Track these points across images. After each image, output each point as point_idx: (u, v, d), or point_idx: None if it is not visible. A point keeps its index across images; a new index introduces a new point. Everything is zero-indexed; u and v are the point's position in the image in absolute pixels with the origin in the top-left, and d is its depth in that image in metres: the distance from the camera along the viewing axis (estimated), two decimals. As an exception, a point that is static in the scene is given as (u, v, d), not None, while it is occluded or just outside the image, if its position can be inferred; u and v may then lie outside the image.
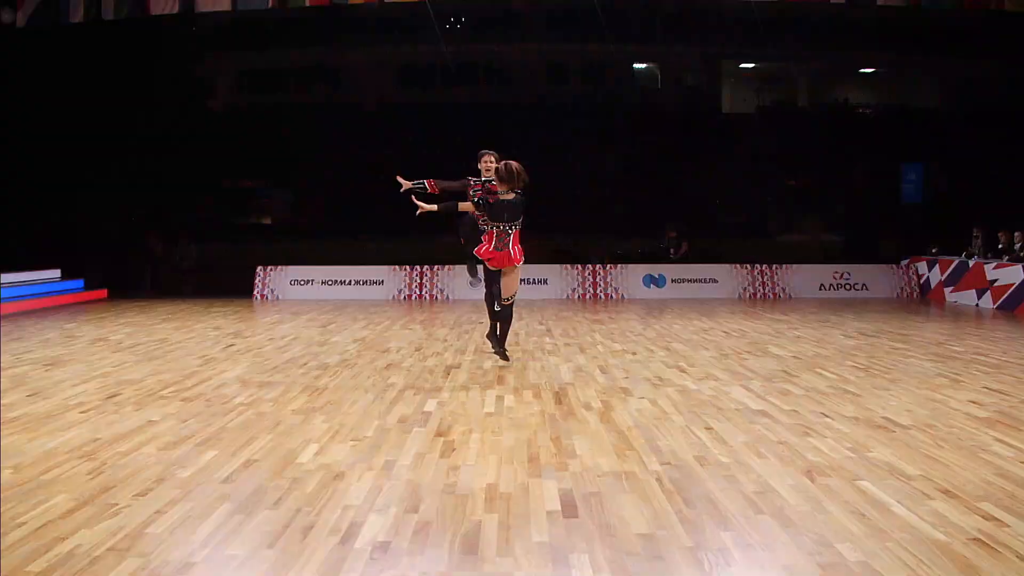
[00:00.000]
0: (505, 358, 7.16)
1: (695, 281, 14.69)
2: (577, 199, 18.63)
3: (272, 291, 15.10)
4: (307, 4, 15.81)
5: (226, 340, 9.16)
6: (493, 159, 7.38)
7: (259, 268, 15.36)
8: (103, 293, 15.85)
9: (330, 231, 18.86)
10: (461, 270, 15.15)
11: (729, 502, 3.46)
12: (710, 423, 4.89)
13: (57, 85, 16.37)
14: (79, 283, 15.69)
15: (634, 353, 7.87)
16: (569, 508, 3.44)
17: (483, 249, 6.95)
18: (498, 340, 7.16)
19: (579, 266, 14.81)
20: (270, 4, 15.85)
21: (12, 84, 15.65)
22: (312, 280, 15.17)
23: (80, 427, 5.07)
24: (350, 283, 15.02)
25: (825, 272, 14.81)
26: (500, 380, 6.45)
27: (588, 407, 5.40)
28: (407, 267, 14.99)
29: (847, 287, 14.56)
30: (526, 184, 6.92)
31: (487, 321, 7.52)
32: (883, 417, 5.01)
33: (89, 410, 5.58)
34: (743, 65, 22.64)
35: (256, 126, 21.63)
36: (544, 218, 17.41)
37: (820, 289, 14.60)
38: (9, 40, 15.56)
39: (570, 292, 14.61)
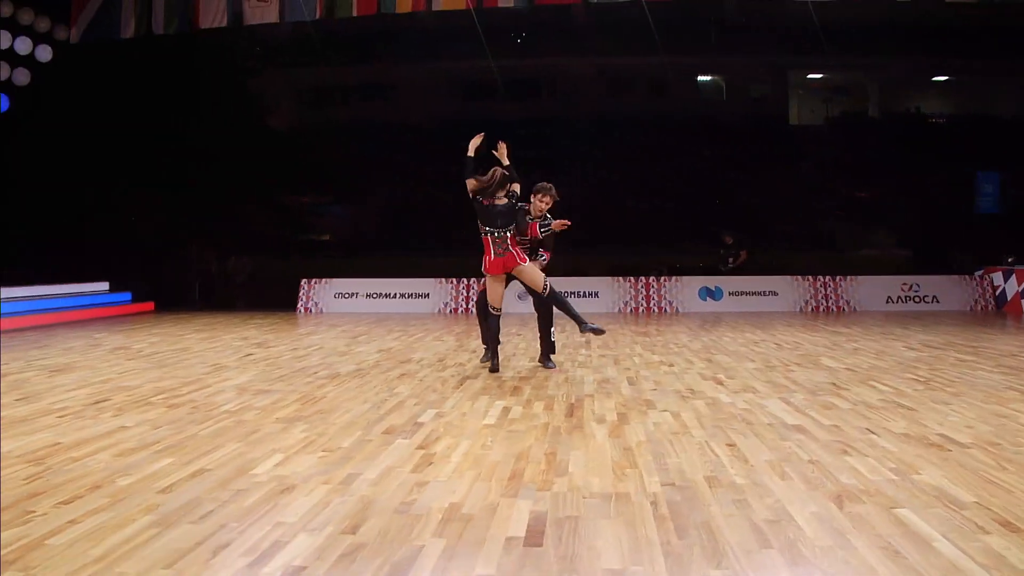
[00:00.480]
0: (549, 358, 6.86)
1: (754, 294, 13.86)
2: (636, 213, 18.05)
3: (316, 304, 14.86)
4: (354, 14, 15.69)
5: (248, 350, 8.84)
6: (549, 200, 6.87)
7: (303, 281, 15.16)
8: (150, 306, 15.87)
9: (384, 246, 18.65)
10: (512, 284, 14.70)
11: (731, 532, 2.84)
12: (734, 439, 4.24)
13: (110, 100, 16.54)
14: (127, 296, 15.74)
15: (671, 365, 7.22)
16: (534, 535, 2.87)
17: (487, 263, 6.71)
18: (547, 342, 6.84)
19: (631, 278, 14.14)
20: (317, 15, 15.81)
21: (66, 99, 15.85)
22: (356, 293, 14.87)
23: (48, 431, 4.76)
24: (395, 296, 14.67)
25: (892, 284, 13.83)
26: (515, 391, 5.91)
27: (601, 420, 4.80)
28: (453, 279, 14.56)
29: (916, 299, 13.53)
30: (515, 195, 6.75)
31: (525, 333, 7.12)
32: (939, 434, 4.29)
33: (67, 415, 5.26)
34: (811, 75, 21.74)
35: (313, 142, 21.66)
36: (603, 232, 17.07)
37: (887, 302, 13.63)
38: (64, 56, 15.79)
39: (622, 305, 13.96)
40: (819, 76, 21.45)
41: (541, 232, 6.79)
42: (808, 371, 6.69)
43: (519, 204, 6.80)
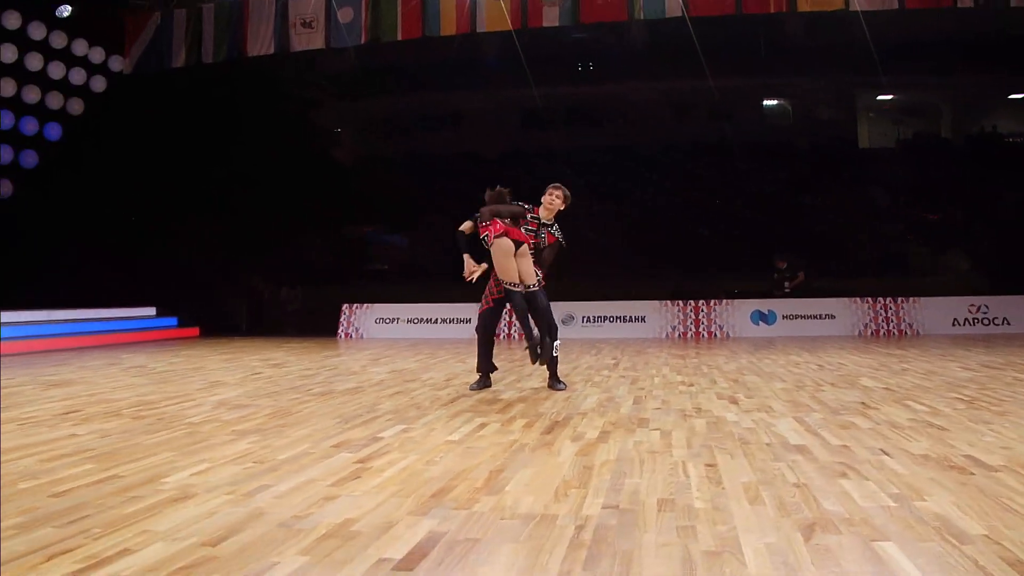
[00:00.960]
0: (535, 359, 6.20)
1: (809, 317, 13.01)
2: (698, 239, 17.42)
3: (356, 329, 14.64)
4: (399, 38, 15.61)
5: (259, 369, 8.56)
6: (561, 197, 6.45)
7: (344, 306, 14.97)
8: (195, 331, 15.89)
9: (440, 274, 18.38)
10: (556, 306, 14.25)
11: (653, 564, 2.29)
12: (718, 459, 3.66)
13: (164, 129, 16.79)
14: (172, 321, 15.80)
15: (690, 384, 6.61)
16: (414, 557, 2.38)
17: (491, 234, 6.16)
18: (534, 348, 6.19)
19: (679, 302, 13.44)
20: (363, 40, 15.78)
21: (120, 128, 16.12)
22: (397, 318, 14.59)
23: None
24: (436, 321, 14.32)
25: (959, 305, 12.80)
26: (505, 408, 5.40)
27: (578, 438, 4.27)
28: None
29: (985, 322, 12.45)
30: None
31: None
32: (965, 455, 3.62)
33: (28, 423, 5.03)
34: (881, 97, 20.82)
35: (374, 172, 21.72)
36: (663, 258, 16.50)
37: (953, 324, 12.64)
38: (117, 86, 16.12)
39: (669, 331, 13.28)
40: (889, 98, 20.52)
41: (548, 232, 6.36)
42: (840, 391, 6.01)
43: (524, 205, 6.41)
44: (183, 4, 16.08)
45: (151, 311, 15.81)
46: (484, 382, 6.57)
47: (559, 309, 14.05)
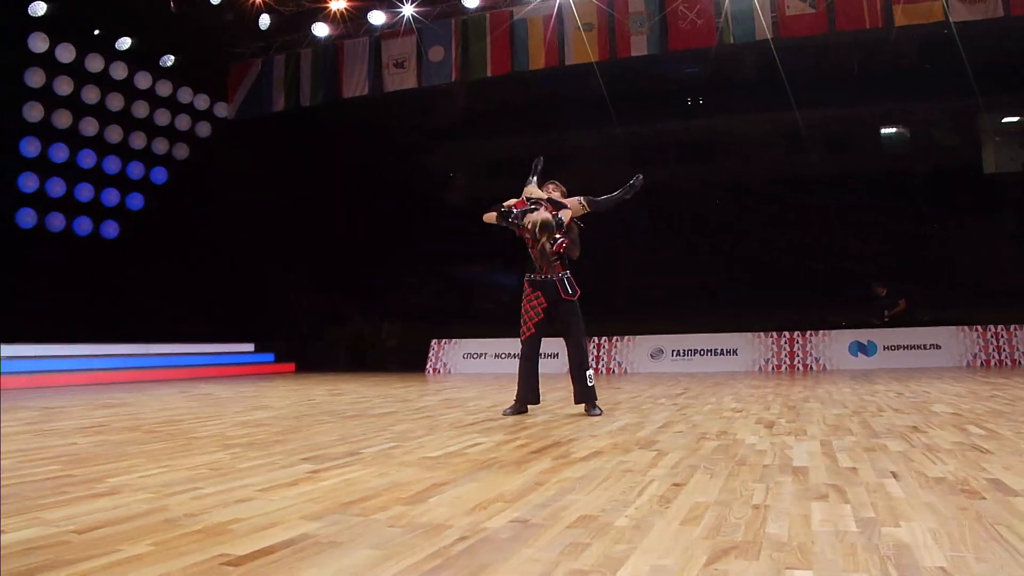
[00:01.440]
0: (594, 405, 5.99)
1: (912, 348, 12.05)
2: (812, 273, 16.61)
3: (444, 364, 14.64)
4: (488, 74, 15.74)
5: (313, 397, 8.58)
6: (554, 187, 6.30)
7: (432, 342, 15.02)
8: (290, 367, 16.30)
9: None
10: (642, 340, 13.84)
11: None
12: (692, 479, 3.26)
13: (266, 171, 17.41)
14: (269, 356, 16.27)
15: (740, 411, 6.11)
16: (255, 555, 2.17)
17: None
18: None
19: (774, 334, 12.74)
20: (453, 78, 16.01)
21: (224, 170, 16.80)
22: (485, 354, 14.49)
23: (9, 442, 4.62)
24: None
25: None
26: (515, 431, 5.11)
27: (561, 457, 3.93)
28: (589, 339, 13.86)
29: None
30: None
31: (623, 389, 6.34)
32: (989, 479, 3.07)
33: (43, 432, 5.20)
34: (1006, 120, 19.37)
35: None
36: (769, 291, 15.77)
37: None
38: (221, 130, 16.91)
39: (763, 363, 12.58)
40: (1015, 120, 19.07)
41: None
42: (899, 415, 5.41)
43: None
44: (282, 50, 16.79)
45: (250, 347, 16.36)
46: (518, 408, 6.30)
47: (650, 343, 13.66)
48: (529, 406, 6.39)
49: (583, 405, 6.21)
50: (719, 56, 17.00)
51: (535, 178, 6.43)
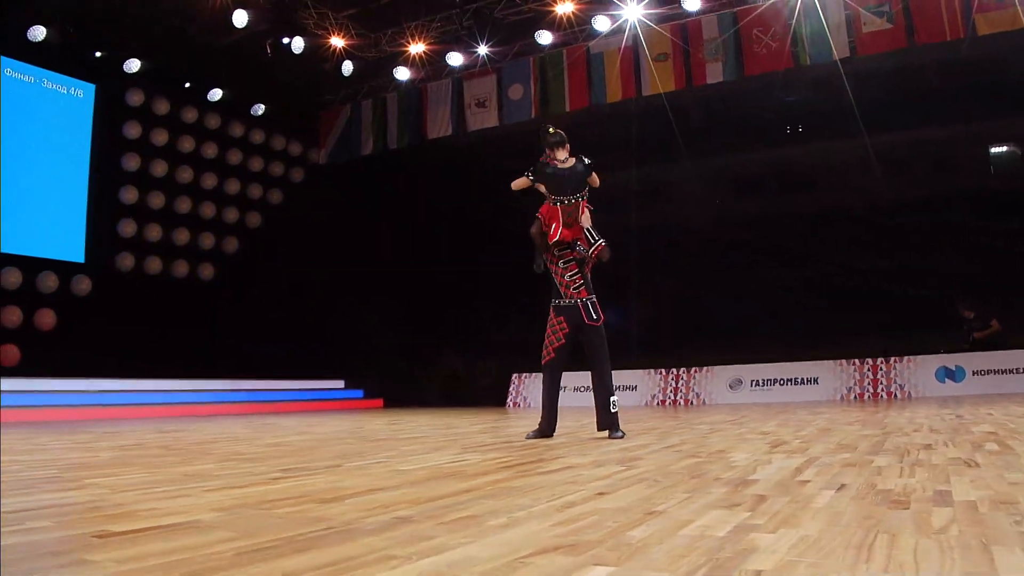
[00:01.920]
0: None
1: (1006, 372, 11.24)
2: (911, 300, 15.87)
3: (524, 398, 14.71)
4: (567, 109, 15.92)
5: (366, 426, 8.82)
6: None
7: (513, 376, 15.13)
8: (379, 402, 16.71)
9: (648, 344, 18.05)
10: (721, 371, 13.52)
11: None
12: (626, 490, 3.21)
13: (357, 212, 18.07)
14: (359, 392, 16.74)
15: (766, 433, 5.90)
16: (123, 534, 2.30)
17: (552, 229, 6.13)
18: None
19: (856, 361, 12.19)
20: (533, 114, 16.26)
21: (318, 214, 17.54)
22: (565, 387, 14.38)
23: (67, 452, 4.97)
24: (599, 388, 14.01)
25: None
26: (518, 448, 5.10)
27: (528, 470, 3.92)
28: (662, 370, 13.68)
29: None
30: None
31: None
32: (938, 491, 2.88)
33: (99, 447, 5.51)
34: None
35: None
36: (856, 317, 15.14)
37: None
38: (313, 175, 17.71)
39: (845, 392, 12.05)
40: None
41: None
42: (922, 435, 5.11)
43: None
44: (369, 95, 17.50)
45: (340, 383, 16.91)
46: (541, 432, 6.29)
47: (728, 373, 13.33)
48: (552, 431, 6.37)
49: (606, 431, 6.15)
50: (816, 81, 16.64)
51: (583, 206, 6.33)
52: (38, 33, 12.20)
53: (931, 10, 12.28)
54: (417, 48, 15.54)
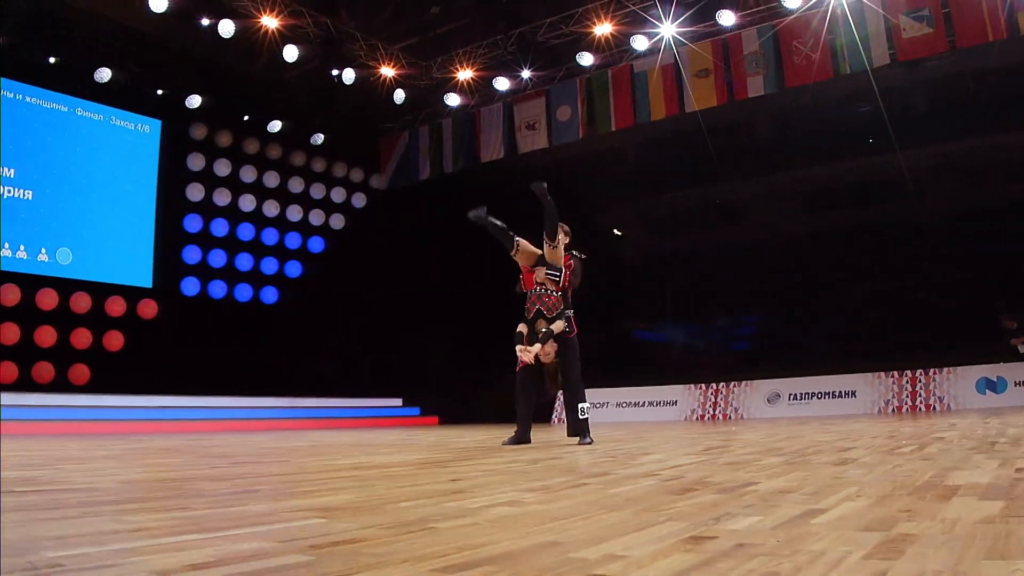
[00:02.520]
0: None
1: None
2: (953, 311, 15.37)
3: (567, 415, 14.74)
4: (613, 128, 16.03)
5: (409, 441, 9.07)
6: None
7: (559, 393, 15.16)
8: (434, 419, 17.01)
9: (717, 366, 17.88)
10: (760, 384, 13.32)
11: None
12: (545, 494, 3.35)
13: (417, 235, 18.43)
14: (415, 410, 17.09)
15: (753, 444, 5.88)
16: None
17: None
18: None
19: (895, 373, 11.86)
20: (580, 135, 16.44)
21: (378, 237, 17.98)
22: (607, 403, 14.49)
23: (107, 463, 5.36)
24: (644, 404, 14.04)
25: None
26: (487, 453, 5.25)
27: (461, 475, 4.10)
28: (702, 385, 13.58)
29: None
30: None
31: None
32: (813, 491, 2.94)
33: (142, 451, 5.88)
34: None
35: (652, 270, 21.98)
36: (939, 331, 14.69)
37: None
38: (374, 200, 18.22)
39: (882, 405, 11.73)
40: None
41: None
42: (918, 444, 5.05)
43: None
44: (426, 121, 17.95)
45: (397, 402, 17.30)
46: (518, 438, 6.46)
47: (767, 387, 13.14)
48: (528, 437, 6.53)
49: (576, 437, 6.29)
50: (890, 90, 16.27)
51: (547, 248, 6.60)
52: (104, 75, 13.03)
53: (971, 12, 11.99)
54: (465, 75, 15.91)
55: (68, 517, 2.37)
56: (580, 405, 6.17)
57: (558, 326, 6.22)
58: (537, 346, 6.19)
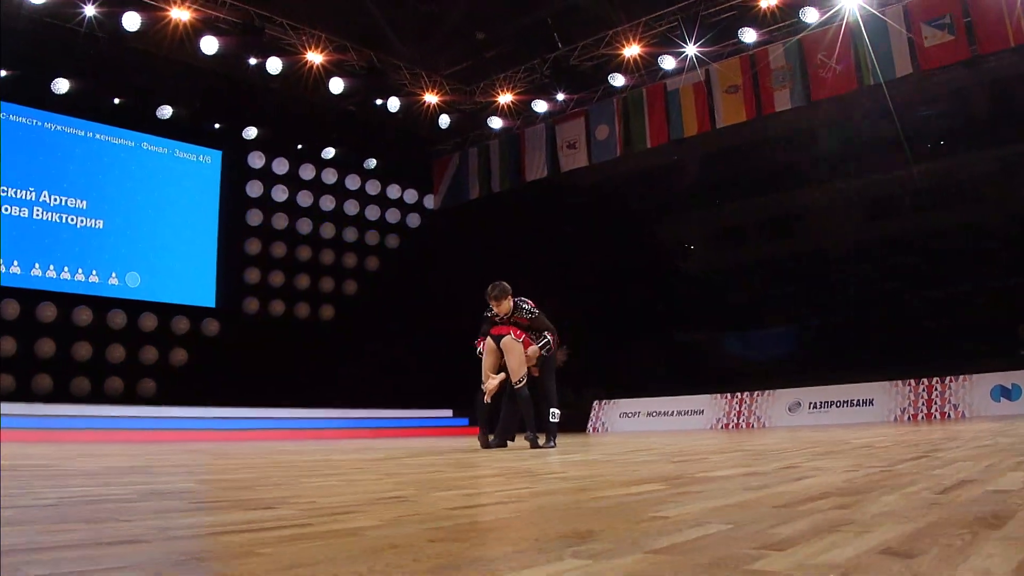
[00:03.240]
0: (501, 444, 6.63)
1: None
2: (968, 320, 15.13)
3: (603, 424, 15.05)
4: (648, 146, 16.32)
5: (438, 451, 9.58)
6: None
7: (595, 402, 15.51)
8: (477, 430, 17.47)
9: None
10: (782, 394, 13.36)
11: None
12: (490, 492, 3.78)
13: (469, 251, 18.89)
14: (464, 420, 17.62)
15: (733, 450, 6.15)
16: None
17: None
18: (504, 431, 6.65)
19: (911, 381, 11.81)
20: (618, 152, 16.77)
21: (430, 255, 18.57)
22: (639, 412, 14.77)
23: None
24: (673, 414, 14.26)
25: None
26: (450, 453, 5.69)
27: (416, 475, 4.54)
28: (727, 395, 13.73)
29: None
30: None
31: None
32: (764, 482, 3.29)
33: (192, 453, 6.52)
34: None
35: (714, 280, 22.08)
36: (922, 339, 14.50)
37: None
38: (427, 220, 18.87)
39: (899, 413, 11.68)
40: None
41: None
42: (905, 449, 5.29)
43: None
44: (474, 143, 18.57)
45: (448, 412, 17.87)
46: (495, 443, 6.92)
47: (789, 395, 13.20)
48: (508, 442, 7.01)
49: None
50: (956, 94, 16.11)
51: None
52: (166, 111, 14.06)
53: (992, 18, 11.96)
54: (505, 98, 16.46)
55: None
56: (552, 410, 6.58)
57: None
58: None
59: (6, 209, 12.76)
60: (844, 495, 2.11)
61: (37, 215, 13.19)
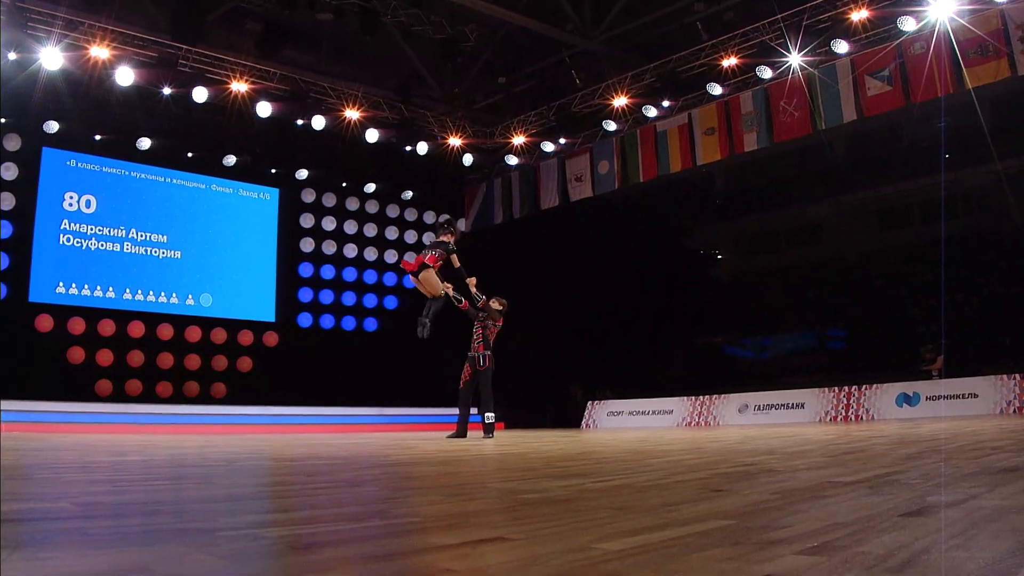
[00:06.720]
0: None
1: (952, 398, 11.49)
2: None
3: (594, 421, 16.21)
4: (641, 179, 17.47)
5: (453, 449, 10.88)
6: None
7: (589, 402, 16.67)
8: (500, 425, 18.75)
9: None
10: (733, 398, 14.29)
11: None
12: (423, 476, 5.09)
13: (491, 268, 20.19)
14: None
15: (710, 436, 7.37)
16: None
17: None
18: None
19: (835, 388, 12.88)
20: (616, 185, 17.95)
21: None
22: (622, 411, 15.90)
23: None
24: (650, 413, 15.40)
25: None
26: (418, 444, 6.95)
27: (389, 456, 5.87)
28: (693, 397, 14.85)
29: None
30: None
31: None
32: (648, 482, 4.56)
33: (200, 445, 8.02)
34: None
35: (739, 287, 22.92)
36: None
37: None
38: (463, 243, 20.15)
39: (823, 415, 12.78)
40: None
41: None
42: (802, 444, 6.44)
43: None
44: (499, 174, 19.95)
45: (474, 410, 19.17)
46: (457, 434, 8.24)
47: (739, 400, 14.20)
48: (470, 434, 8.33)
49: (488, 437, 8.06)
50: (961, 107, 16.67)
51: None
52: (230, 160, 15.86)
53: (925, 72, 12.85)
54: (519, 139, 17.82)
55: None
56: (487, 414, 7.95)
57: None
58: None
59: (102, 245, 14.71)
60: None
61: (127, 249, 15.10)
